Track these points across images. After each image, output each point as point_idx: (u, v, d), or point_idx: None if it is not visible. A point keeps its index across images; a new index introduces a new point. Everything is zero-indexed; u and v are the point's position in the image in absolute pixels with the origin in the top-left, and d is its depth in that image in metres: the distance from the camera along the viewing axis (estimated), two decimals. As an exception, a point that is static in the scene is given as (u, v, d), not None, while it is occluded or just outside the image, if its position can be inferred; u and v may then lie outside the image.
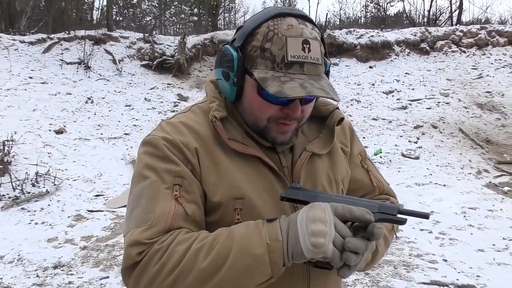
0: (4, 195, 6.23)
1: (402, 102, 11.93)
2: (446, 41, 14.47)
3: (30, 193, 6.35)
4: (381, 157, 9.14)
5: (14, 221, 5.59)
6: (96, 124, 9.66)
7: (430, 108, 11.55)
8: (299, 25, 1.05)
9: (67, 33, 13.71)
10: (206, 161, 1.11)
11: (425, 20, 22.00)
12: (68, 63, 12.12)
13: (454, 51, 14.28)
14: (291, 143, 1.20)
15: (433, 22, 21.17)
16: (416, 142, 9.87)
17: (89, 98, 10.64)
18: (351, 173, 1.34)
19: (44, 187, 6.50)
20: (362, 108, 11.78)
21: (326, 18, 21.92)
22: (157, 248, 0.98)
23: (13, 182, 6.44)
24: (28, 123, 8.63)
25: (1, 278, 4.18)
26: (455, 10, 20.45)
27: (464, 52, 14.23)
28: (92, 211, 6.07)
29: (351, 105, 11.94)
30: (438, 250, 5.03)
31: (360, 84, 13.00)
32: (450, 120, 10.85)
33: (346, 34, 14.78)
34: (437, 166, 8.71)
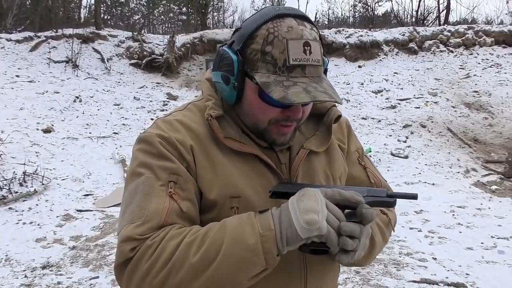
0: (-9, 195, 6.16)
1: (391, 102, 12.00)
2: (434, 41, 14.59)
3: (17, 192, 6.27)
4: (370, 156, 9.17)
5: (2, 221, 5.51)
6: (84, 123, 9.58)
7: (418, 107, 11.63)
8: (299, 26, 1.04)
9: (55, 31, 13.61)
10: (202, 159, 1.10)
11: (413, 20, 22.15)
12: (55, 62, 12.02)
13: (442, 51, 14.40)
14: (288, 144, 1.19)
15: (421, 22, 21.32)
16: (405, 141, 9.94)
17: (77, 97, 10.55)
18: (348, 170, 1.33)
19: (32, 187, 6.43)
20: (351, 107, 11.82)
21: (315, 17, 21.96)
22: (149, 243, 0.96)
23: (0, 182, 6.36)
24: (15, 122, 8.53)
25: (-12, 279, 4.13)
26: (443, 10, 20.65)
27: (451, 52, 14.35)
28: (81, 211, 6.02)
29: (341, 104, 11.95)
30: (427, 248, 5.05)
31: (349, 83, 13.04)
32: (438, 119, 10.93)
33: (335, 34, 14.83)
34: (426, 165, 8.77)
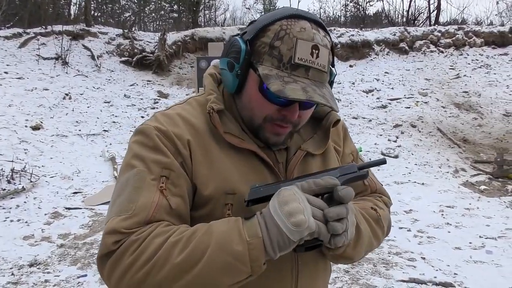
0: (-22, 192, 6.09)
1: (382, 101, 12.04)
2: (424, 41, 14.67)
3: (5, 190, 6.21)
4: (361, 155, 9.19)
5: (-11, 218, 5.47)
6: (74, 120, 9.51)
7: (409, 107, 11.69)
8: (312, 29, 1.04)
9: (44, 28, 13.49)
10: (199, 154, 1.09)
11: (404, 20, 22.24)
12: (45, 59, 11.92)
13: (432, 51, 14.49)
14: (285, 145, 1.19)
15: (411, 22, 21.41)
16: (395, 141, 9.98)
17: (66, 94, 10.48)
18: None
19: (20, 184, 6.37)
20: (342, 106, 11.84)
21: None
22: (134, 238, 0.95)
23: (-13, 179, 6.30)
24: (3, 119, 8.45)
25: (-25, 277, 4.09)
26: (433, 11, 20.75)
27: (442, 52, 14.44)
28: (69, 209, 5.97)
29: (331, 103, 11.99)
30: (416, 248, 5.07)
31: (340, 82, 13.07)
32: (428, 119, 10.99)
33: (327, 33, 14.84)
34: (415, 165, 8.82)
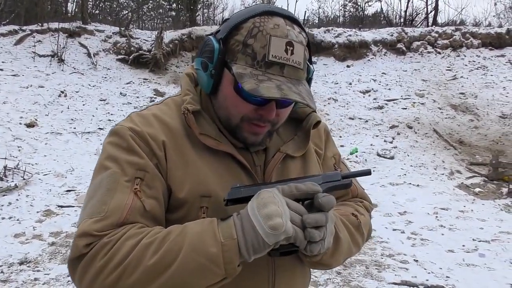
0: (-30, 190, 6.06)
1: (378, 102, 12.03)
2: (422, 41, 14.67)
3: (-2, 187, 6.19)
4: (356, 156, 9.19)
5: (-20, 216, 5.43)
6: (69, 118, 9.48)
7: (405, 108, 11.68)
8: (286, 26, 1.02)
9: (40, 25, 13.44)
10: (174, 155, 1.06)
11: (401, 20, 22.23)
12: (40, 56, 11.88)
13: (429, 52, 14.48)
14: (264, 146, 1.17)
15: (409, 22, 21.41)
16: (391, 142, 9.97)
17: (62, 92, 10.43)
18: None
19: (12, 181, 6.34)
20: (339, 107, 11.83)
21: (304, 16, 21.96)
22: (105, 241, 0.93)
23: (-20, 176, 6.27)
24: (-3, 116, 8.43)
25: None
26: (431, 11, 20.74)
27: (439, 53, 14.44)
28: (62, 207, 5.94)
29: (328, 104, 11.99)
30: (409, 250, 5.06)
31: (337, 83, 13.06)
32: (424, 120, 10.98)
33: (324, 33, 14.84)
34: (411, 166, 8.80)
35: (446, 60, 14.10)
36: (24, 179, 6.51)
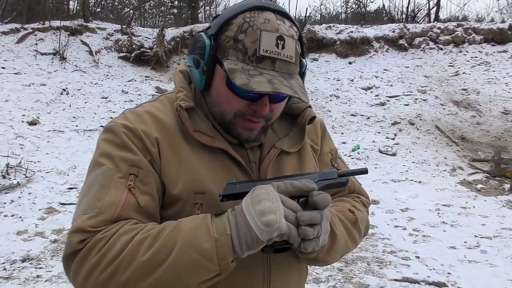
0: (-27, 188, 6.08)
1: (380, 99, 12.01)
2: (424, 38, 14.62)
3: (0, 185, 6.19)
4: (358, 153, 9.18)
5: (-17, 214, 5.45)
6: (71, 116, 9.49)
7: (407, 104, 11.65)
8: (277, 20, 1.02)
9: (42, 23, 13.45)
10: (168, 152, 1.07)
11: (403, 16, 22.15)
12: (42, 54, 11.89)
13: (431, 48, 14.43)
14: (259, 141, 1.17)
15: (411, 18, 21.33)
16: (393, 139, 9.95)
17: (64, 90, 10.45)
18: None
19: (15, 179, 6.35)
20: (341, 103, 11.82)
21: (306, 12, 21.92)
22: (99, 237, 0.93)
23: (-18, 174, 6.28)
24: (0, 114, 8.44)
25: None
26: (433, 7, 20.63)
27: (441, 49, 14.39)
28: (64, 204, 5.95)
29: (330, 100, 11.97)
30: (411, 246, 5.06)
31: (339, 79, 13.04)
32: (426, 117, 10.96)
33: (326, 30, 14.81)
34: (413, 162, 8.79)
35: (448, 56, 14.06)
36: (26, 177, 6.53)
